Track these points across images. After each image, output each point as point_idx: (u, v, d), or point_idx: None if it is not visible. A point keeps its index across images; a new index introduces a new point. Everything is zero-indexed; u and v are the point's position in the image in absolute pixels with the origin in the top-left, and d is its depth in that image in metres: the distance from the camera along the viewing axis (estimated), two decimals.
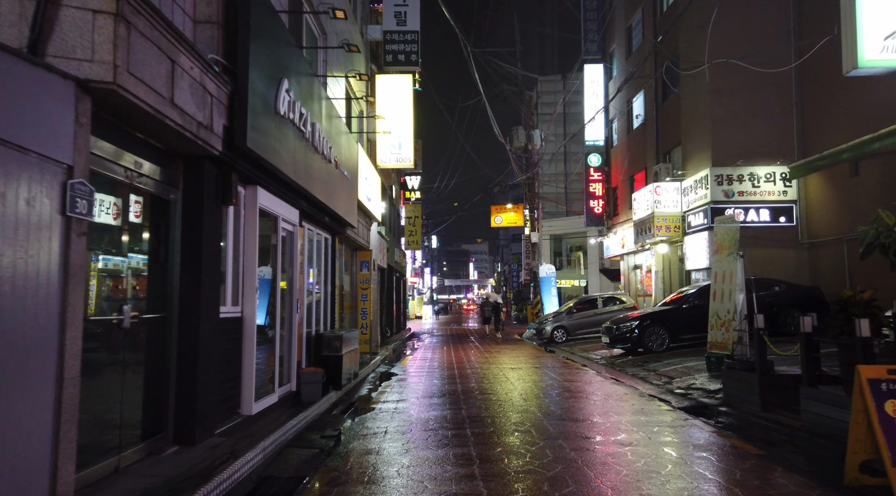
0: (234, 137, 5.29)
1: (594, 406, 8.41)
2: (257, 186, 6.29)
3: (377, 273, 17.47)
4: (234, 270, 6.05)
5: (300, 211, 8.02)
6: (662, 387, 9.96)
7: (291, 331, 7.85)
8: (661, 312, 14.52)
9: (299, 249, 8.07)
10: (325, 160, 8.42)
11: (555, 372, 12.73)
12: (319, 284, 10.13)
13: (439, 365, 14.48)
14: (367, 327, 13.56)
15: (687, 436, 6.61)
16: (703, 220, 16.97)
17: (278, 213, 7.10)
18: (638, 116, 23.19)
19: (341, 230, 10.72)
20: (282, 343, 7.53)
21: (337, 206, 9.43)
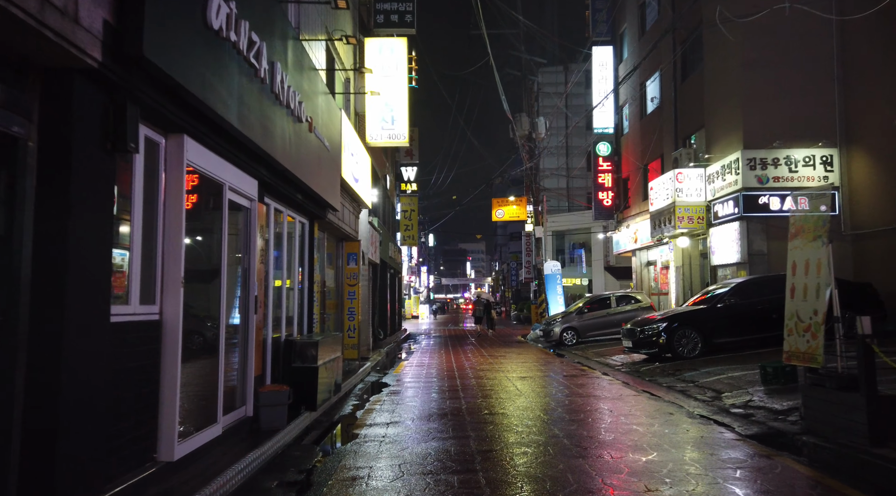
0: (123, 41, 3.44)
1: (639, 433, 6.58)
2: (183, 135, 4.43)
3: (368, 268, 15.62)
4: (144, 254, 4.20)
5: (260, 182, 6.17)
6: (712, 405, 8.14)
7: (247, 337, 6.00)
8: (693, 313, 12.70)
9: (259, 231, 6.21)
10: (294, 118, 6.57)
11: (573, 382, 10.91)
12: (293, 278, 8.29)
13: (438, 372, 12.64)
14: (354, 329, 11.73)
15: (785, 485, 4.78)
16: (732, 209, 15.16)
17: (224, 180, 5.24)
18: (653, 99, 21.38)
19: (321, 213, 8.87)
20: (231, 354, 5.67)
21: (313, 181, 7.58)
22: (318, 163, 7.95)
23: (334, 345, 8.31)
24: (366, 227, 14.61)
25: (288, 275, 8.06)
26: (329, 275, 11.29)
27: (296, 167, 6.73)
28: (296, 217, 8.24)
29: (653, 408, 8.07)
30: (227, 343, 5.86)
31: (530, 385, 10.54)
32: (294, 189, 7.31)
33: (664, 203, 17.80)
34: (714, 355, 12.15)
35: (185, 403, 4.75)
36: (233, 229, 5.44)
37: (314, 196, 8.01)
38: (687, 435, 6.50)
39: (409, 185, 28.58)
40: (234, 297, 5.96)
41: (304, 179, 7.17)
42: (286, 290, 7.86)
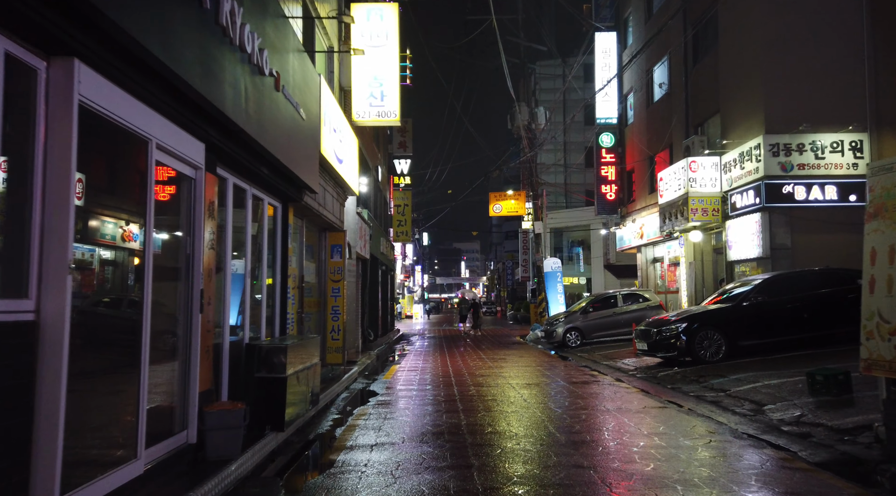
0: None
1: (684, 461, 5.31)
2: (74, 60, 3.13)
3: (356, 263, 14.31)
4: (6, 225, 2.90)
5: (208, 145, 4.86)
6: (756, 420, 6.89)
7: (190, 341, 4.70)
8: (715, 312, 11.46)
9: (207, 209, 4.91)
10: (253, 67, 5.27)
11: (585, 391, 9.64)
12: (262, 271, 6.99)
13: (433, 378, 11.35)
14: (339, 331, 10.42)
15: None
16: (753, 199, 13.94)
17: (149, 135, 3.94)
18: (662, 85, 20.15)
19: (296, 195, 7.57)
20: (167, 364, 4.38)
21: (283, 153, 6.27)
22: (291, 132, 6.65)
23: (311, 350, 7.01)
24: (353, 218, 13.30)
25: (254, 267, 6.76)
26: (309, 270, 9.99)
27: (258, 131, 5.42)
28: (264, 197, 6.93)
29: (687, 425, 6.80)
30: (164, 350, 4.57)
31: (537, 394, 9.27)
32: (257, 160, 6.00)
33: (675, 194, 16.57)
34: (739, 359, 10.92)
35: (84, 436, 3.45)
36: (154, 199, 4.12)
37: (285, 172, 6.70)
38: (743, 462, 5.23)
39: (402, 179, 27.26)
40: (179, 289, 4.66)
41: (271, 149, 5.86)
42: (252, 285, 6.55)
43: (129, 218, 4.13)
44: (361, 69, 10.88)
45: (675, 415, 7.36)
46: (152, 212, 4.05)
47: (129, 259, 4.21)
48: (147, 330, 3.97)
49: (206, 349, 4.91)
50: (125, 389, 3.88)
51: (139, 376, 3.90)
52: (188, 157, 4.57)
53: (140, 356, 3.92)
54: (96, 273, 4.00)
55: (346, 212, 12.40)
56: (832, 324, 11.16)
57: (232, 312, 6.44)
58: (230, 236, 5.84)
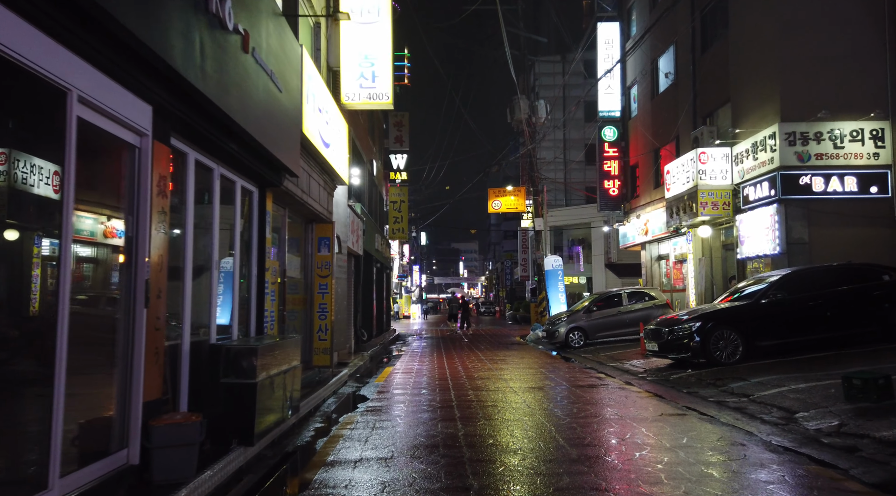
0: None
1: (719, 482, 4.55)
2: None
3: (347, 259, 13.53)
4: None
5: (157, 109, 4.08)
6: (789, 430, 6.12)
7: (132, 341, 3.92)
8: (732, 311, 10.68)
9: (157, 184, 4.12)
10: (213, 19, 4.49)
11: (594, 395, 8.87)
12: (234, 263, 6.21)
13: (428, 382, 10.58)
14: (326, 330, 9.63)
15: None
16: (767, 191, 13.19)
17: (69, 84, 3.16)
18: (668, 75, 19.38)
19: (274, 178, 6.78)
20: (102, 368, 3.60)
21: (255, 127, 5.49)
22: (265, 105, 5.86)
23: (289, 351, 6.22)
24: (344, 210, 12.52)
25: (223, 258, 5.98)
26: (294, 264, 9.20)
27: (219, 95, 4.63)
28: (236, 179, 6.15)
29: (712, 436, 6.03)
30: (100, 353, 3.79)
31: (542, 400, 8.49)
32: (225, 134, 5.21)
33: (683, 188, 15.81)
34: (758, 361, 10.16)
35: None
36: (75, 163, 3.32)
37: (259, 150, 5.91)
38: (787, 484, 4.46)
39: (398, 174, 26.47)
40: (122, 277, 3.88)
41: (240, 120, 5.08)
42: (219, 276, 5.76)
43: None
44: (351, 47, 10.08)
45: (697, 425, 6.58)
46: (72, 180, 3.26)
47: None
48: (63, 330, 3.17)
49: (154, 351, 4.13)
50: (36, 403, 3.09)
51: (53, 386, 3.11)
52: (129, 120, 3.78)
53: (55, 362, 3.13)
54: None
55: (336, 203, 11.62)
56: (857, 323, 10.42)
57: (223, 311, 5.68)
58: (192, 221, 5.06)
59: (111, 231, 4.03)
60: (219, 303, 5.90)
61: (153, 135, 4.05)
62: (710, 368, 10.12)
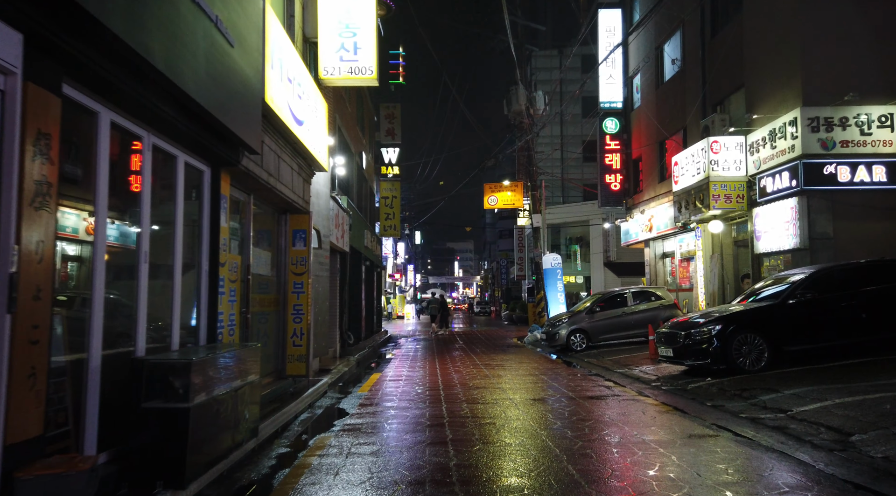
0: None
1: None
2: None
3: (330, 255, 12.40)
4: None
5: (29, 36, 2.95)
6: (849, 458, 5.03)
7: None
8: (756, 312, 9.61)
9: (32, 140, 2.99)
10: None
11: (607, 409, 7.77)
12: (174, 254, 5.07)
13: (419, 392, 9.47)
14: (301, 334, 8.50)
15: None
16: (788, 181, 12.13)
17: None
18: (674, 62, 18.32)
19: (229, 156, 5.65)
20: None
21: (194, 86, 4.37)
22: (208, 59, 4.74)
23: (243, 363, 5.11)
24: (325, 202, 11.39)
25: (161, 249, 4.85)
26: (263, 260, 8.07)
27: (131, 31, 3.51)
28: (177, 153, 5.02)
29: (759, 465, 4.94)
30: None
31: (546, 415, 7.38)
32: (149, 89, 4.07)
33: (693, 180, 14.76)
34: (786, 368, 9.11)
35: None
36: None
37: (203, 116, 4.78)
38: None
39: (390, 169, 25.32)
40: None
41: (166, 70, 3.95)
42: (147, 271, 4.63)
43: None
44: (329, 14, 8.94)
45: (736, 449, 5.49)
46: None
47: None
48: None
49: (27, 372, 3.00)
50: None
51: None
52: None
53: None
54: None
55: (317, 193, 10.50)
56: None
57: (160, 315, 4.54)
58: (104, 200, 3.93)
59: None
60: (167, 305, 4.77)
61: (24, 74, 2.93)
62: (732, 377, 9.06)
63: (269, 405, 7.21)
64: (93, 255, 3.89)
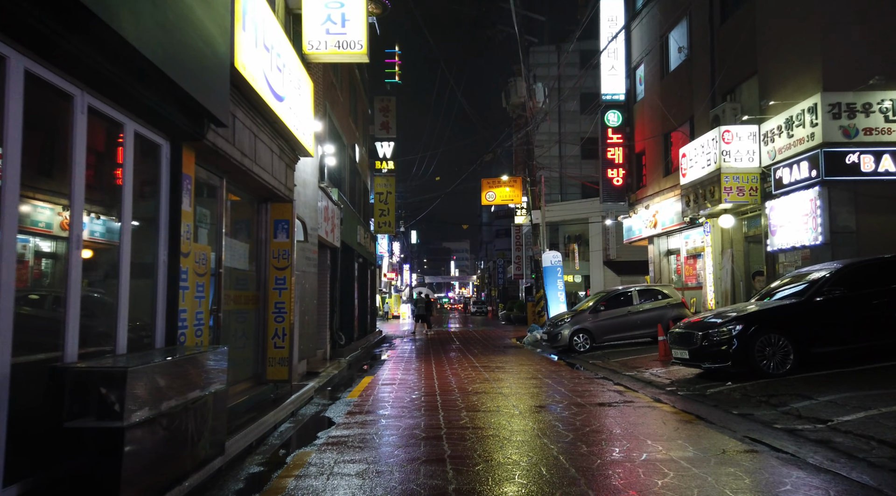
0: None
1: None
2: None
3: (319, 250, 11.59)
4: None
5: None
6: None
7: None
8: (779, 311, 8.87)
9: None
10: None
11: (621, 420, 6.99)
12: (122, 242, 4.28)
13: (413, 397, 8.69)
14: (283, 335, 7.71)
15: None
16: (807, 171, 11.39)
17: None
18: (681, 50, 17.57)
19: (191, 128, 4.86)
20: None
21: (133, 34, 3.57)
22: (157, 5, 3.94)
23: (206, 370, 4.32)
24: (314, 193, 10.59)
25: (99, 232, 4.06)
26: (240, 253, 7.27)
27: None
28: (124, 120, 4.23)
29: (811, 490, 4.18)
30: None
31: (555, 426, 6.60)
32: (71, 30, 3.27)
33: (703, 172, 14.02)
34: (814, 372, 8.37)
35: None
36: None
37: (153, 75, 3.99)
38: None
39: (385, 163, 24.52)
40: None
41: (94, 6, 3.15)
42: (80, 257, 3.83)
43: None
44: None
45: (783, 471, 4.72)
46: None
47: None
48: None
49: None
50: None
51: None
52: None
53: None
54: None
55: (303, 183, 9.71)
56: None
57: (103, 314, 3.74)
58: (17, 169, 3.13)
59: None
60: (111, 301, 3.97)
61: None
62: (755, 381, 8.31)
63: (245, 415, 6.41)
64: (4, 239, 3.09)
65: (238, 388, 7.01)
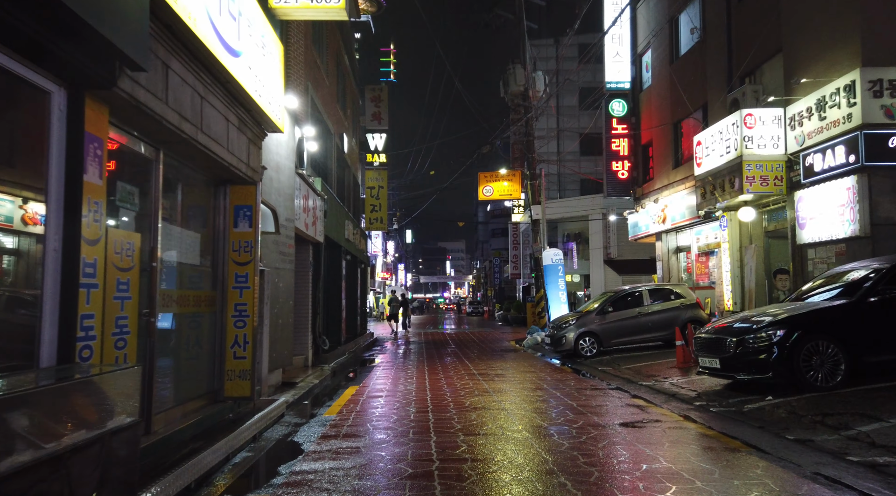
0: None
1: None
2: None
3: (296, 244, 10.32)
4: None
5: None
6: None
7: None
8: (825, 314, 7.65)
9: None
10: None
11: (653, 449, 5.76)
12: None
13: (403, 416, 7.45)
14: (245, 344, 6.45)
15: None
16: (844, 157, 10.18)
17: None
18: (693, 31, 16.36)
19: (95, 70, 3.60)
20: None
21: None
22: None
23: (96, 402, 3.07)
24: (290, 179, 9.32)
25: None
26: (189, 242, 6.01)
27: None
28: None
29: None
30: None
31: (577, 457, 5.36)
32: None
33: (721, 161, 12.81)
34: (869, 384, 7.19)
35: None
36: None
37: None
38: None
39: (376, 156, 23.26)
40: None
41: None
42: None
43: None
44: None
45: None
46: None
47: None
48: None
49: None
50: None
51: None
52: None
53: None
54: None
55: (276, 166, 8.45)
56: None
57: None
58: None
59: None
60: None
61: None
62: (800, 395, 7.11)
63: (189, 444, 5.15)
64: None
65: (188, 408, 5.75)
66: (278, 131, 7.10)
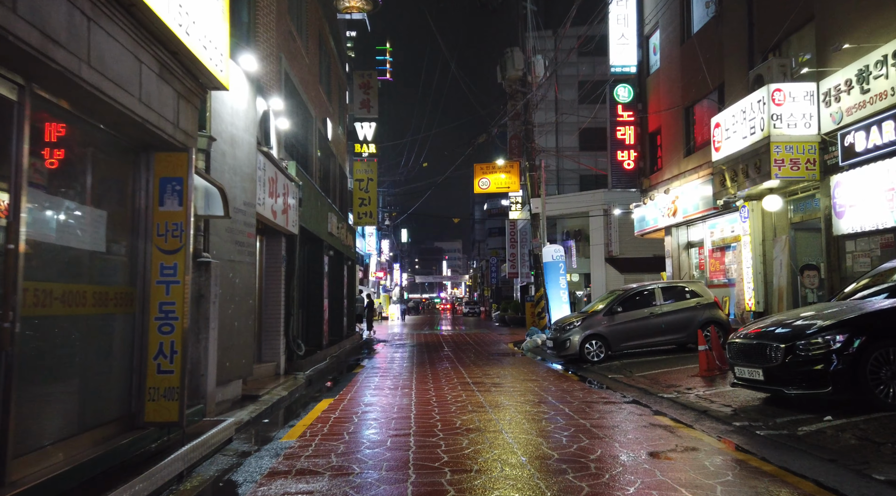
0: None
1: None
2: None
3: (256, 234, 8.92)
4: None
5: None
6: None
7: None
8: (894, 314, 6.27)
9: None
10: None
11: (686, 491, 4.37)
12: None
13: (379, 440, 6.07)
14: (173, 354, 5.05)
15: None
16: (892, 134, 8.83)
17: None
18: (708, 5, 15.00)
19: None
20: None
21: None
22: None
23: None
24: (248, 154, 7.92)
25: None
26: (91, 221, 4.60)
27: None
28: None
29: None
30: None
31: None
32: None
33: (745, 143, 11.46)
34: None
35: None
36: None
37: None
38: None
39: (365, 147, 21.85)
40: None
41: None
42: None
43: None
44: None
45: None
46: None
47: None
48: None
49: None
50: None
51: None
52: None
53: None
54: None
55: (230, 139, 7.06)
56: None
57: None
58: None
59: None
60: None
61: None
62: (866, 415, 5.75)
63: (73, 493, 3.74)
64: None
65: (82, 442, 4.33)
66: (223, 88, 5.69)
